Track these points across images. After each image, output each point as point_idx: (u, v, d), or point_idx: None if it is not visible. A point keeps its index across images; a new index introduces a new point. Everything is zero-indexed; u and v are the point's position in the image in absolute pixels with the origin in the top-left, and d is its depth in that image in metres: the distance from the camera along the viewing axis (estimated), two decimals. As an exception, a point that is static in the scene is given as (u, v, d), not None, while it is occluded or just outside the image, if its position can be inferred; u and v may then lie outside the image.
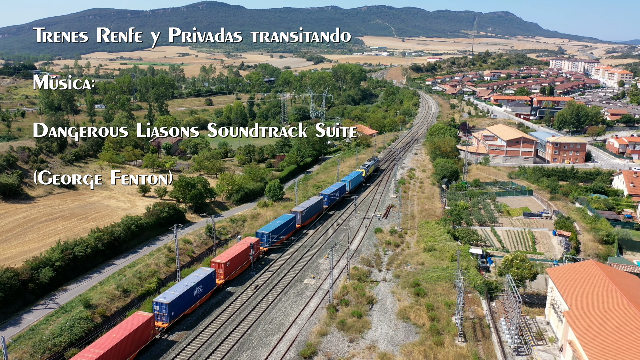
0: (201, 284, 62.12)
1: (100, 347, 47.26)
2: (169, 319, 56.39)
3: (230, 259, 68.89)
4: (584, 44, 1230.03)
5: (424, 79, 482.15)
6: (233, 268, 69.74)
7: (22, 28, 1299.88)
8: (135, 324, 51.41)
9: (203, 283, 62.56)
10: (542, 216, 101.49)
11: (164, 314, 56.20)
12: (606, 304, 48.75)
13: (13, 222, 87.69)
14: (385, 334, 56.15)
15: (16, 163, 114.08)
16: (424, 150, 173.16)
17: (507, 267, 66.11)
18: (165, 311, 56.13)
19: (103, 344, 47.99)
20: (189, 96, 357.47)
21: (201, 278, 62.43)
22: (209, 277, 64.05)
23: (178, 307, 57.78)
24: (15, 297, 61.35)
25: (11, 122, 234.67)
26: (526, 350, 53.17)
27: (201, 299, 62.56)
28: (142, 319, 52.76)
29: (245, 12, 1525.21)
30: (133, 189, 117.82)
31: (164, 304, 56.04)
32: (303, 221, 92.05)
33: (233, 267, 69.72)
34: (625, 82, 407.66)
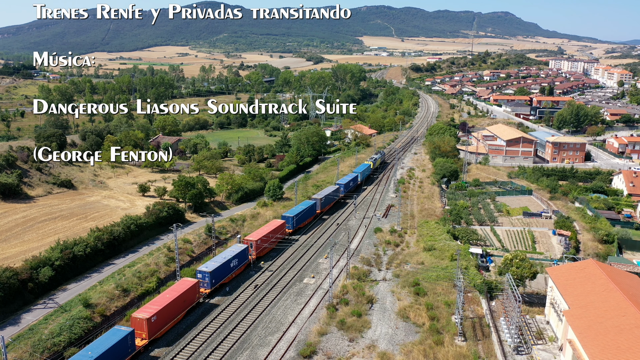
0: (237, 257, 70.38)
1: (157, 304, 54.94)
2: (210, 285, 64.08)
3: (260, 238, 77.29)
4: (584, 44, 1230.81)
5: (423, 79, 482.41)
6: (263, 245, 78.02)
7: (22, 28, 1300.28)
8: (184, 287, 59.11)
9: (238, 257, 70.78)
10: (542, 216, 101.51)
11: (206, 281, 63.95)
12: (606, 303, 48.72)
13: (12, 222, 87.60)
14: (385, 334, 56.10)
15: (15, 163, 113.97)
16: (423, 150, 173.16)
17: (507, 267, 66.10)
18: (207, 279, 63.90)
19: (159, 302, 55.63)
20: (189, 96, 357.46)
21: (237, 252, 70.65)
22: (243, 251, 72.53)
23: (218, 275, 65.46)
24: (15, 296, 61.25)
25: (10, 122, 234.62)
26: (526, 349, 53.13)
27: (236, 270, 70.44)
28: (189, 283, 60.41)
29: (245, 12, 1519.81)
30: (133, 188, 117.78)
31: (207, 272, 63.85)
32: (322, 207, 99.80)
33: (263, 245, 77.97)
34: (624, 82, 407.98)
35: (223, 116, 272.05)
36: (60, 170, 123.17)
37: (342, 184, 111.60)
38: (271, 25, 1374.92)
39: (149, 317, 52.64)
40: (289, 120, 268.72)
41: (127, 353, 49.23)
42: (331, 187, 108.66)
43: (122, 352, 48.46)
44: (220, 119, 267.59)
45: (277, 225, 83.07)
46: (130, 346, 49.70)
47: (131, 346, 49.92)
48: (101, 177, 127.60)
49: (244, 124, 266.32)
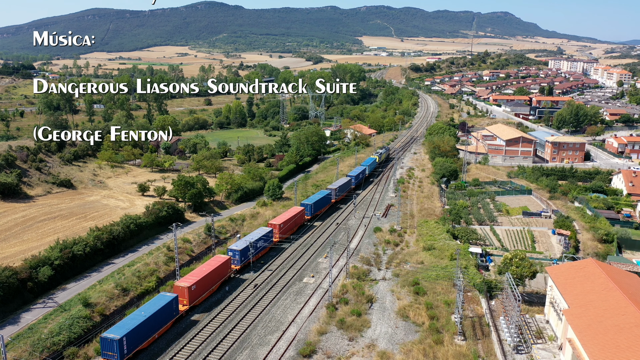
0: (262, 239, 77.53)
1: (196, 275, 62.60)
2: (239, 262, 71.95)
3: (283, 222, 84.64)
4: (583, 44, 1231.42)
5: (423, 79, 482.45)
6: (286, 229, 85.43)
7: (21, 28, 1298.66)
8: (217, 262, 66.64)
9: (263, 238, 77.94)
10: (542, 215, 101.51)
11: (237, 258, 71.74)
12: (606, 302, 48.72)
13: (12, 221, 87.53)
14: (384, 333, 56.09)
15: (15, 162, 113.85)
16: (423, 149, 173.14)
17: (507, 266, 66.08)
18: (237, 256, 71.74)
19: (197, 273, 63.23)
20: (188, 96, 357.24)
21: (262, 234, 77.92)
22: (268, 234, 79.61)
23: (246, 254, 73.10)
24: (14, 295, 61.16)
25: (10, 121, 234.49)
26: (525, 348, 53.12)
27: (262, 250, 78.16)
28: (222, 259, 68.28)
29: (245, 12, 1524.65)
30: (132, 188, 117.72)
31: (237, 250, 71.76)
32: (337, 197, 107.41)
33: (286, 229, 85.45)
34: (624, 82, 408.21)
35: (222, 116, 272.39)
36: (60, 169, 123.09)
37: (353, 176, 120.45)
38: (271, 25, 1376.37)
39: (189, 285, 60.27)
40: (289, 120, 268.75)
41: (172, 315, 56.81)
42: (343, 179, 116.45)
43: (168, 314, 56.04)
44: (220, 119, 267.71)
45: (297, 211, 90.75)
46: (174, 309, 57.34)
47: (175, 310, 57.54)
48: (100, 177, 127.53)
49: (244, 123, 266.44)
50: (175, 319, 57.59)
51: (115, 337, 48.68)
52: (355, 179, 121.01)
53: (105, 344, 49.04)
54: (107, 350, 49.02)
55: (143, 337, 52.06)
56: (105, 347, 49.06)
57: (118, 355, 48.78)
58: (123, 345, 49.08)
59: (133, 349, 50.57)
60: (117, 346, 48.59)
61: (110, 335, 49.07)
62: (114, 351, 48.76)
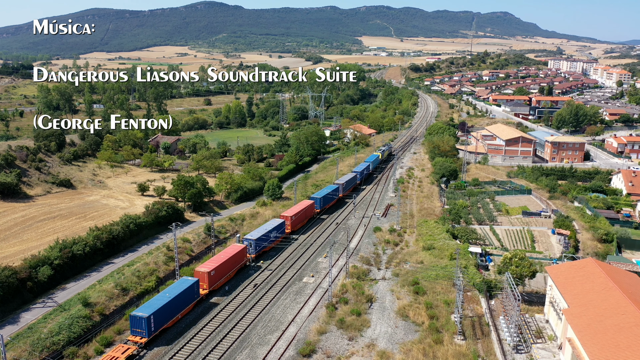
0: (275, 230, 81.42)
1: (215, 262, 66.43)
2: (254, 251, 75.63)
3: (295, 214, 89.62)
4: (583, 44, 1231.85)
5: (422, 79, 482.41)
6: (297, 221, 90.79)
7: (21, 28, 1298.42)
8: (234, 250, 71.04)
9: (277, 229, 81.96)
10: (541, 215, 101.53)
11: (252, 247, 75.35)
12: (605, 301, 48.72)
13: (11, 221, 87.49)
14: (384, 332, 56.08)
15: (14, 162, 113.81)
16: (422, 149, 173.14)
17: (506, 266, 66.09)
18: (253, 245, 75.42)
19: (216, 260, 67.26)
20: (188, 96, 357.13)
21: (275, 225, 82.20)
22: (280, 225, 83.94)
23: (261, 243, 76.86)
24: (14, 295, 61.12)
25: (9, 121, 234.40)
26: (525, 348, 53.13)
27: (275, 240, 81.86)
28: (239, 247, 72.63)
29: (244, 12, 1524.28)
30: (132, 188, 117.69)
31: (252, 240, 75.87)
32: (344, 191, 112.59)
33: (297, 221, 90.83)
34: (623, 82, 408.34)
35: (222, 116, 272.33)
36: (60, 169, 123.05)
37: (358, 172, 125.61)
38: (270, 25, 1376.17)
39: (209, 270, 64.31)
40: (288, 120, 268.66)
41: (193, 298, 61.04)
42: (350, 174, 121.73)
43: (190, 297, 60.32)
44: (220, 119, 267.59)
45: (307, 204, 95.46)
46: (196, 292, 61.56)
47: (196, 293, 61.74)
48: (100, 177, 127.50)
49: (243, 123, 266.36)
50: (196, 301, 61.99)
51: (143, 315, 52.95)
52: (360, 175, 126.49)
53: (135, 321, 53.31)
54: (135, 327, 53.37)
55: (168, 317, 56.30)
56: (134, 324, 53.38)
57: (146, 332, 52.94)
58: (150, 322, 53.32)
59: (159, 327, 54.82)
60: (146, 323, 52.84)
61: (139, 313, 53.31)
62: (142, 328, 53.07)
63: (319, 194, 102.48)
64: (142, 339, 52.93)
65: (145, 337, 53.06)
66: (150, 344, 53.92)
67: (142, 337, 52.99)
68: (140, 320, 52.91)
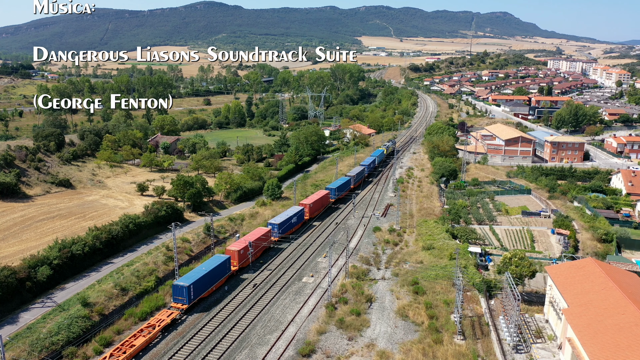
0: (295, 216, 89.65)
1: (243, 242, 74.58)
2: (277, 235, 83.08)
3: (313, 202, 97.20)
4: (582, 44, 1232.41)
5: (422, 79, 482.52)
6: (314, 209, 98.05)
7: (20, 28, 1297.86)
8: (260, 233, 78.62)
9: (296, 215, 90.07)
10: (541, 215, 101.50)
11: (275, 231, 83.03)
12: (605, 301, 48.68)
13: (11, 221, 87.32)
14: (384, 332, 56.02)
15: (14, 162, 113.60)
16: (422, 149, 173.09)
17: (506, 265, 66.07)
18: (276, 229, 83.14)
19: (246, 239, 75.53)
20: (187, 96, 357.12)
21: (295, 212, 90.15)
22: (300, 212, 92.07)
23: (283, 228, 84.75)
24: (13, 295, 60.94)
25: (9, 121, 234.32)
26: (525, 348, 53.09)
27: (296, 226, 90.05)
28: (264, 230, 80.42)
29: (244, 12, 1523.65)
30: (131, 188, 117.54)
31: (276, 224, 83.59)
32: (355, 182, 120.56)
33: (315, 208, 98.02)
34: (623, 82, 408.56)
35: (221, 116, 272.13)
36: (59, 169, 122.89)
37: (365, 165, 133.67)
38: (270, 25, 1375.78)
39: (239, 249, 72.13)
40: (288, 119, 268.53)
41: (226, 273, 68.34)
42: (358, 168, 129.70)
43: (223, 271, 67.77)
44: (219, 119, 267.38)
45: (323, 194, 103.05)
46: (228, 268, 68.95)
47: (228, 268, 69.08)
48: (99, 177, 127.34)
49: (243, 123, 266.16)
50: (228, 275, 69.38)
51: (185, 284, 59.93)
52: (368, 168, 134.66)
53: (177, 289, 60.34)
54: (177, 295, 60.41)
55: (204, 287, 63.31)
56: (176, 292, 60.45)
57: (186, 299, 59.85)
58: (190, 291, 60.17)
59: (197, 296, 61.85)
60: (186, 292, 59.75)
61: (181, 282, 60.44)
62: (183, 296, 60.02)
63: (333, 184, 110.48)
64: (182, 305, 59.94)
65: (186, 304, 60.01)
66: (190, 310, 60.84)
67: (182, 304, 59.98)
68: (181, 289, 59.97)
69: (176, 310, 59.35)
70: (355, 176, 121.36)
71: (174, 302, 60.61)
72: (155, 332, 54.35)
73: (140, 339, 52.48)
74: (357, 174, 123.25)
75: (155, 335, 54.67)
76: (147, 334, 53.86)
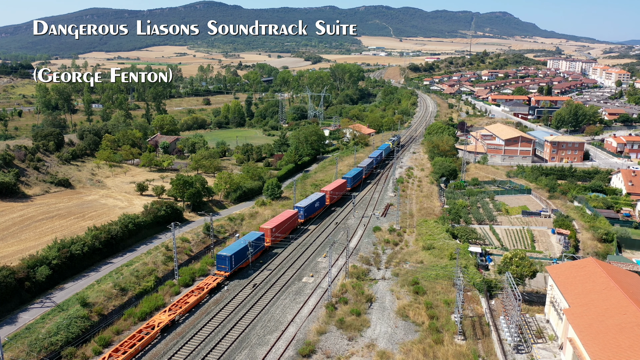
0: (318, 201, 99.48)
1: (274, 222, 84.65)
2: (303, 217, 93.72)
3: (333, 189, 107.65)
4: (581, 44, 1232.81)
5: (421, 78, 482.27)
6: (334, 196, 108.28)
7: (19, 28, 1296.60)
8: (288, 215, 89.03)
9: (319, 201, 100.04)
10: (541, 215, 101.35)
11: (301, 213, 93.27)
12: (607, 301, 48.50)
13: (9, 221, 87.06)
14: (384, 332, 55.81)
15: (13, 162, 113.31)
16: (422, 149, 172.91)
17: (507, 265, 65.87)
18: (302, 212, 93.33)
19: (275, 221, 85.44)
20: (187, 96, 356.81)
21: (317, 197, 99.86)
22: (322, 197, 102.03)
23: (308, 211, 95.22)
24: (11, 295, 60.66)
25: (8, 121, 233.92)
26: (526, 348, 52.91)
27: (318, 210, 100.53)
28: (292, 212, 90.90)
29: (243, 12, 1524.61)
30: (130, 187, 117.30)
31: (302, 207, 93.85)
32: (365, 173, 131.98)
33: (334, 196, 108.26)
34: (622, 82, 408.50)
35: (221, 115, 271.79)
36: (58, 169, 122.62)
37: (374, 157, 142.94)
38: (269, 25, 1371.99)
39: (271, 227, 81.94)
40: (288, 119, 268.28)
41: (261, 247, 78.30)
42: (367, 160, 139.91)
43: (259, 245, 77.64)
44: (219, 119, 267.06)
45: (341, 182, 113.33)
46: (261, 243, 78.50)
47: (262, 244, 78.76)
48: (99, 176, 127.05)
49: (242, 123, 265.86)
50: (262, 250, 79.27)
51: (227, 254, 69.99)
52: (376, 160, 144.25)
53: (220, 259, 70.47)
54: (220, 264, 70.48)
55: (242, 258, 73.13)
56: (220, 262, 70.59)
57: (228, 268, 69.95)
58: (232, 261, 70.26)
59: (236, 266, 71.60)
60: (228, 261, 69.78)
61: (224, 253, 70.52)
62: (225, 264, 70.02)
63: (349, 174, 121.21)
64: (225, 272, 69.78)
65: (228, 272, 69.82)
66: (231, 277, 70.68)
67: (225, 272, 69.82)
68: (224, 259, 69.92)
69: (220, 276, 69.17)
70: (366, 167, 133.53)
71: (217, 270, 70.59)
72: (204, 294, 64.59)
73: (192, 298, 62.41)
74: (367, 165, 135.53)
75: (204, 296, 64.79)
76: (197, 294, 63.76)
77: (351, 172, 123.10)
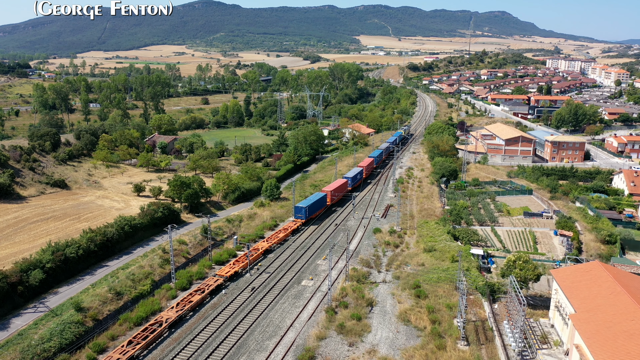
0: (359, 174, 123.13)
1: (332, 186, 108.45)
2: (350, 185, 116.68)
3: (366, 165, 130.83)
4: (580, 44, 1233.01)
5: (421, 78, 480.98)
6: (367, 172, 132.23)
7: (18, 27, 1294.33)
8: (341, 182, 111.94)
9: (359, 173, 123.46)
10: (543, 216, 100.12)
11: (349, 182, 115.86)
12: (614, 306, 47.26)
13: (3, 223, 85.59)
14: (385, 338, 54.55)
15: (8, 162, 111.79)
16: (422, 149, 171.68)
17: (510, 268, 64.62)
18: (350, 181, 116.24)
19: (332, 185, 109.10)
20: (185, 95, 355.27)
21: (358, 171, 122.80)
22: (360, 171, 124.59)
23: (353, 181, 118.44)
24: (4, 300, 59.30)
25: (5, 121, 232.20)
26: (530, 354, 51.65)
27: (359, 181, 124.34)
28: (343, 181, 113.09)
29: (242, 11, 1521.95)
30: (127, 188, 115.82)
31: (349, 177, 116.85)
32: (376, 163, 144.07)
33: (367, 172, 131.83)
34: (622, 81, 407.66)
35: (219, 115, 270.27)
36: (54, 169, 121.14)
37: (383, 149, 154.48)
38: (268, 24, 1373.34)
39: (332, 190, 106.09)
40: (286, 119, 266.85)
41: (324, 204, 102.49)
42: (377, 151, 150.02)
43: (323, 203, 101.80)
44: (217, 118, 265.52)
45: (369, 162, 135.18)
46: (325, 201, 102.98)
47: (325, 202, 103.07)
48: (95, 177, 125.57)
49: (241, 123, 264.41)
50: (325, 207, 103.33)
51: (304, 206, 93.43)
52: (385, 151, 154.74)
53: (297, 209, 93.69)
54: (298, 213, 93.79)
55: (313, 211, 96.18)
56: (297, 212, 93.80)
57: (304, 216, 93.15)
58: (307, 211, 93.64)
59: (309, 215, 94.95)
60: (304, 211, 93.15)
61: (301, 204, 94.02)
62: (302, 214, 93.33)
63: (363, 163, 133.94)
64: (301, 220, 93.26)
65: (303, 219, 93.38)
66: (306, 224, 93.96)
67: (301, 220, 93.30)
68: (301, 209, 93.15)
69: (300, 221, 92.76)
70: (377, 157, 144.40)
71: (295, 218, 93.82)
72: (287, 233, 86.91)
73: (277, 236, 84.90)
74: (377, 156, 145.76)
75: (286, 236, 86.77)
76: (283, 233, 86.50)
77: (365, 161, 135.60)
